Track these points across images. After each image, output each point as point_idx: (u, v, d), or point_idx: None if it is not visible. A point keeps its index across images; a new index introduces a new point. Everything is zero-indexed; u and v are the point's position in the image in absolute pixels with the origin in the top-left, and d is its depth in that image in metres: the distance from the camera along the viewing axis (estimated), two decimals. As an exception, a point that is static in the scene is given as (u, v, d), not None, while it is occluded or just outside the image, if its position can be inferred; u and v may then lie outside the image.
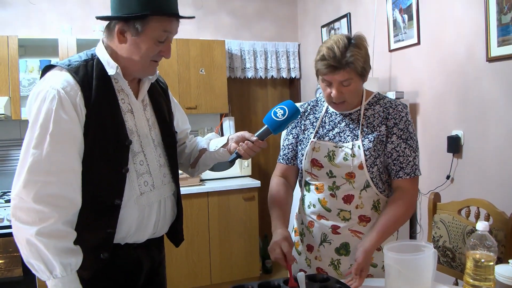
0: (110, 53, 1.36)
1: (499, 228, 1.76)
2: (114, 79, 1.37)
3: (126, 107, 1.39)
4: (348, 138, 1.60)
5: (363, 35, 1.57)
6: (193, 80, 3.85)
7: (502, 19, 2.14)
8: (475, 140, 2.39)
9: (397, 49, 3.01)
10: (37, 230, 1.17)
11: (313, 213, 1.67)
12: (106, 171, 1.32)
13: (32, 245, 1.18)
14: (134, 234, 1.40)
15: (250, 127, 4.58)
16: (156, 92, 1.55)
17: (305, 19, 4.45)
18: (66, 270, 1.21)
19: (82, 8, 3.86)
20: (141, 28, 1.29)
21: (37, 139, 1.20)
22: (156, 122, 1.50)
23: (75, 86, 1.26)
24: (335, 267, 1.64)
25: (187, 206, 3.52)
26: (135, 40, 1.31)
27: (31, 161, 1.19)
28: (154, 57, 1.36)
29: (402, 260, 1.27)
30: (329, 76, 1.52)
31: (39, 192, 1.18)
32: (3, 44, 3.29)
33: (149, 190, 1.42)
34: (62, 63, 1.32)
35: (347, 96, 1.55)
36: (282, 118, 1.47)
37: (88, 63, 1.33)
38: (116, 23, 1.33)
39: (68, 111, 1.23)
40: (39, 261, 1.19)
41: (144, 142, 1.43)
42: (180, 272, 3.56)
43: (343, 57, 1.48)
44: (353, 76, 1.51)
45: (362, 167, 1.56)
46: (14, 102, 3.34)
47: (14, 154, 3.67)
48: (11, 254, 3.14)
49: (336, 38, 1.52)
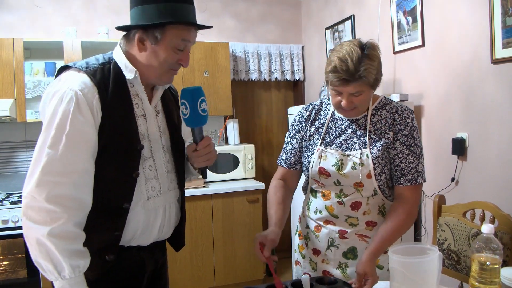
0: (128, 58, 1.38)
1: (505, 231, 1.75)
2: (130, 83, 1.38)
3: (139, 112, 1.41)
4: (355, 146, 1.58)
5: (376, 43, 1.52)
6: (197, 83, 3.86)
7: (507, 21, 2.13)
8: (480, 142, 2.38)
9: (401, 51, 3.01)
10: (48, 230, 1.17)
11: (319, 218, 1.66)
12: (117, 174, 1.33)
13: (42, 245, 1.18)
14: (139, 238, 1.41)
15: (255, 129, 4.58)
16: (168, 99, 1.57)
17: (309, 22, 4.46)
18: (74, 272, 1.21)
19: (87, 11, 3.88)
20: (160, 36, 1.32)
21: (53, 139, 1.21)
22: (166, 128, 1.52)
23: (92, 88, 1.27)
24: (342, 270, 1.63)
25: (191, 208, 3.53)
26: (154, 48, 1.34)
27: (46, 160, 1.20)
28: (172, 65, 1.38)
29: (407, 263, 1.26)
30: (340, 88, 1.49)
31: (51, 192, 1.19)
32: (8, 46, 3.32)
33: (156, 195, 1.43)
34: (79, 65, 1.33)
35: (358, 104, 1.53)
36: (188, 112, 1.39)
37: (105, 66, 1.34)
38: (135, 32, 1.35)
39: (84, 113, 1.24)
40: (48, 261, 1.19)
41: (154, 148, 1.44)
42: (184, 275, 3.56)
43: (356, 70, 1.43)
44: (365, 88, 1.49)
45: (370, 176, 1.54)
46: (19, 104, 3.36)
47: (19, 156, 3.69)
48: (15, 256, 3.16)
49: (350, 49, 1.45)
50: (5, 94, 3.32)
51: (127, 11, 1.39)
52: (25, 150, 3.71)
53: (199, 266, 3.62)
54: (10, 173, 3.66)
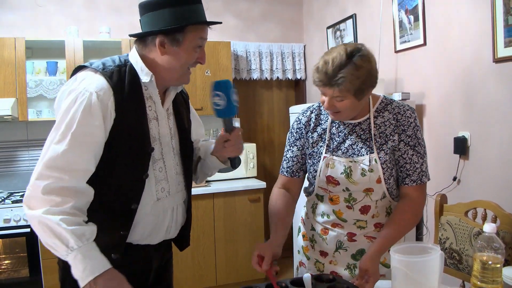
0: (144, 61, 1.39)
1: (507, 230, 1.75)
2: (144, 86, 1.40)
3: (152, 115, 1.42)
4: (362, 151, 1.55)
5: (371, 53, 1.47)
6: (198, 82, 3.86)
7: (509, 20, 2.12)
8: (482, 141, 2.38)
9: (403, 50, 3.00)
10: (46, 209, 1.18)
11: (326, 222, 1.65)
12: (126, 176, 1.34)
13: (43, 224, 1.18)
14: (147, 238, 1.43)
15: (256, 128, 4.58)
16: (179, 102, 1.58)
17: (310, 21, 4.45)
18: (81, 240, 1.20)
19: (89, 10, 3.88)
20: (182, 39, 1.36)
21: (60, 136, 1.23)
22: (177, 131, 1.54)
23: (108, 90, 1.29)
24: (350, 270, 1.62)
25: (192, 207, 3.44)
26: (176, 50, 1.37)
27: (49, 155, 1.22)
28: (191, 64, 1.43)
29: (409, 262, 1.26)
30: (321, 89, 1.49)
31: (50, 185, 1.20)
32: (10, 46, 3.32)
33: (165, 196, 1.45)
34: (96, 66, 1.34)
35: (340, 109, 1.49)
36: (225, 102, 1.42)
37: (121, 68, 1.36)
38: (154, 37, 1.37)
39: (95, 115, 1.26)
40: (54, 237, 1.18)
41: (165, 150, 1.46)
42: (186, 274, 3.56)
43: (333, 76, 1.41)
44: (345, 94, 1.44)
45: (380, 181, 1.53)
46: (21, 103, 3.36)
47: (20, 155, 3.69)
48: (17, 255, 3.16)
49: (336, 53, 1.43)
50: (7, 93, 3.32)
51: (129, 11, 1.41)
52: (27, 149, 3.71)
53: (201, 265, 3.63)
54: (12, 172, 3.67)
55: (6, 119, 3.37)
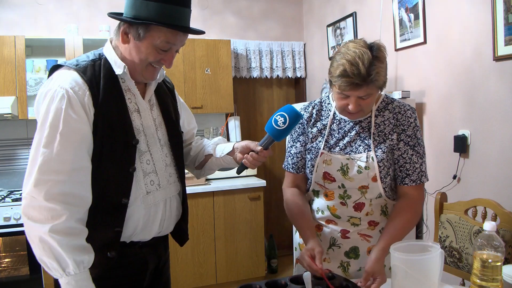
0: (117, 53, 1.37)
1: (507, 229, 1.75)
2: (121, 78, 1.38)
3: (133, 107, 1.40)
4: (360, 149, 1.55)
5: (383, 44, 1.47)
6: (198, 80, 3.86)
7: (509, 18, 2.12)
8: (482, 139, 2.38)
9: (403, 48, 3.00)
10: (50, 227, 1.17)
11: (321, 218, 1.65)
12: (113, 170, 1.33)
13: (45, 242, 1.18)
14: (140, 233, 1.41)
15: (256, 126, 4.58)
16: (163, 92, 1.56)
17: (310, 19, 4.45)
18: (79, 267, 1.21)
19: (89, 8, 3.88)
20: (143, 34, 1.31)
21: (47, 138, 1.21)
22: (162, 122, 1.51)
23: (83, 85, 1.27)
24: (344, 269, 1.63)
25: (192, 206, 3.53)
26: (136, 44, 1.33)
27: (42, 160, 1.19)
28: (154, 62, 1.36)
29: (409, 260, 1.26)
30: (349, 92, 1.44)
31: (50, 190, 1.19)
32: (10, 44, 3.32)
33: (155, 189, 1.43)
34: (70, 63, 1.32)
35: (364, 107, 1.50)
36: (283, 127, 1.42)
37: (96, 62, 1.34)
38: (122, 24, 1.34)
39: (77, 110, 1.24)
40: (52, 259, 1.19)
41: (150, 142, 1.44)
42: (186, 272, 3.56)
43: (368, 74, 1.38)
44: (374, 91, 1.45)
45: (376, 179, 1.53)
46: (21, 101, 3.36)
47: (20, 154, 3.69)
48: (17, 253, 3.17)
49: (359, 51, 1.39)
50: (6, 92, 3.32)
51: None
52: (27, 148, 3.71)
53: (201, 263, 3.63)
54: (12, 171, 3.67)
55: (6, 117, 3.37)
